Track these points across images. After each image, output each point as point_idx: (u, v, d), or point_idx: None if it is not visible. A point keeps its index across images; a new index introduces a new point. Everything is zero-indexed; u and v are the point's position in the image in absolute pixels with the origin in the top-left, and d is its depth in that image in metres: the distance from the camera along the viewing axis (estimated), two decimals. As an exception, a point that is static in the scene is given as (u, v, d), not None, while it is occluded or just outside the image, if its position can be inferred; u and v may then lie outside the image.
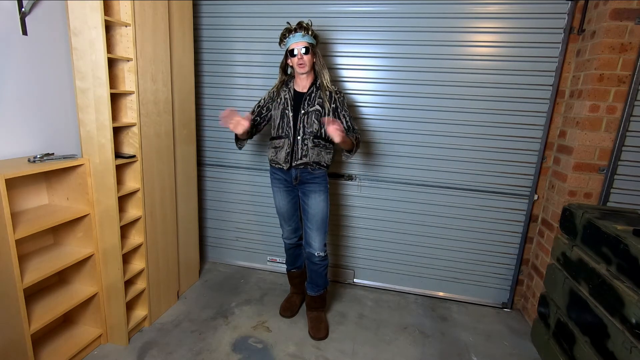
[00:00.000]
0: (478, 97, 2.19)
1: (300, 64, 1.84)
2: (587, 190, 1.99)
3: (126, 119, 1.79)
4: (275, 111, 1.97)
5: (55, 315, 1.58)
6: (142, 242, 1.92)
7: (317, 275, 2.05)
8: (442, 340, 2.07)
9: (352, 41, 2.29)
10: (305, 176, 1.96)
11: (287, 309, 2.22)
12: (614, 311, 1.40)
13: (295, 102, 1.92)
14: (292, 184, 2.02)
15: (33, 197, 1.68)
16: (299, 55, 1.83)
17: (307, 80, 1.93)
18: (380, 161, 2.41)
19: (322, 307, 2.16)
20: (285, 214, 2.11)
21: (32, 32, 1.64)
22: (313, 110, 1.90)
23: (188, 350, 1.86)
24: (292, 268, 2.27)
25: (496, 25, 2.09)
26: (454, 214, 2.38)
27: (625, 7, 1.76)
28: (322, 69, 1.91)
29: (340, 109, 1.94)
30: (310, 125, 1.90)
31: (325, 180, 2.00)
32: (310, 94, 1.91)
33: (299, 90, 1.94)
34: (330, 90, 1.91)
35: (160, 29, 1.88)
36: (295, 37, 1.82)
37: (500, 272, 2.41)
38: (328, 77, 1.92)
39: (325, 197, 1.99)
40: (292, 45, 1.83)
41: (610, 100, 1.87)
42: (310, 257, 2.03)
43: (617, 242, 1.44)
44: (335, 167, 2.48)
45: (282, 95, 1.95)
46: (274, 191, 2.09)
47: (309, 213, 1.99)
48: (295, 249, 2.21)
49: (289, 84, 1.97)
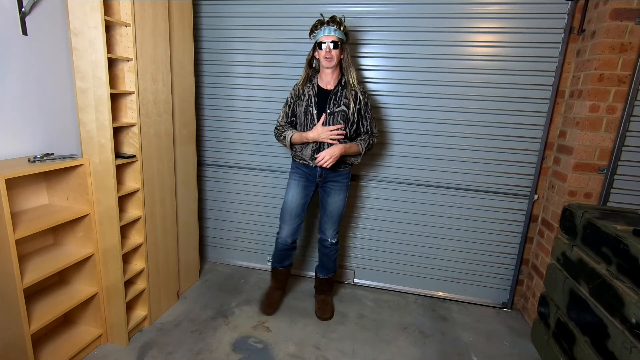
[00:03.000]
0: (478, 97, 2.19)
1: (327, 58, 1.84)
2: (587, 190, 1.99)
3: (126, 119, 1.79)
4: (300, 108, 1.97)
5: (55, 315, 1.58)
6: (142, 242, 1.92)
7: (328, 259, 2.19)
8: (442, 340, 2.07)
9: (352, 41, 2.28)
10: (330, 174, 1.99)
11: (269, 306, 2.21)
12: (614, 311, 1.40)
13: (319, 99, 1.92)
14: (314, 181, 2.04)
15: (33, 197, 1.68)
16: (327, 48, 1.82)
17: (332, 77, 1.92)
18: (380, 161, 2.41)
19: (330, 290, 2.32)
20: (294, 210, 2.07)
21: (32, 32, 1.64)
22: (339, 111, 1.91)
23: (188, 350, 1.86)
24: (278, 266, 2.23)
25: (496, 25, 2.09)
26: (454, 214, 2.38)
27: (625, 7, 1.76)
28: (349, 67, 1.91)
29: (364, 110, 1.96)
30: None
31: (348, 178, 2.06)
32: (336, 93, 1.91)
33: (323, 86, 1.94)
34: (356, 90, 1.92)
35: (160, 29, 1.88)
36: (327, 30, 1.82)
37: (500, 272, 2.41)
38: (355, 75, 1.92)
39: (345, 195, 2.08)
40: (322, 38, 1.83)
41: (610, 100, 1.87)
42: (323, 242, 2.17)
43: (617, 242, 1.44)
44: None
45: (305, 92, 1.95)
46: (291, 185, 2.07)
47: (327, 209, 2.09)
48: (288, 251, 2.17)
49: (312, 80, 1.97)
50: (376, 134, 2.05)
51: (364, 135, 2.02)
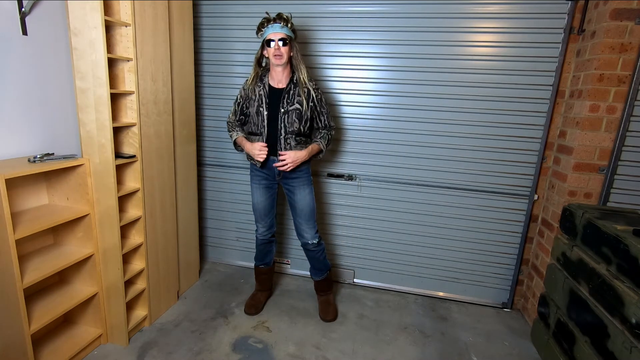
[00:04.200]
0: (478, 97, 2.19)
1: (276, 55, 1.82)
2: (587, 190, 1.99)
3: (126, 119, 1.79)
4: (251, 108, 1.97)
5: (55, 315, 1.58)
6: (142, 242, 1.92)
7: (316, 261, 2.16)
8: (442, 340, 2.07)
9: (352, 41, 2.28)
10: (289, 172, 1.99)
11: (252, 306, 2.22)
12: (614, 311, 1.40)
13: (270, 99, 1.91)
14: (274, 180, 2.05)
15: (33, 197, 1.68)
16: (275, 45, 1.81)
17: (283, 75, 1.91)
18: (380, 161, 2.41)
19: (329, 290, 2.28)
20: (263, 211, 2.12)
21: (32, 32, 1.64)
22: (293, 110, 1.90)
23: (188, 350, 1.86)
24: (260, 264, 2.26)
25: (496, 25, 2.09)
26: (454, 214, 2.37)
27: (625, 7, 1.76)
28: (299, 64, 1.89)
29: (319, 106, 1.97)
30: (291, 125, 1.91)
31: (308, 173, 2.05)
32: (289, 91, 1.91)
33: (274, 85, 1.93)
34: (308, 87, 1.91)
35: (160, 29, 1.88)
36: (274, 28, 1.81)
37: (500, 272, 2.41)
38: (305, 72, 1.91)
39: (311, 189, 2.06)
40: (269, 36, 1.82)
41: (610, 100, 1.87)
42: (305, 245, 2.13)
43: (617, 242, 1.44)
44: (335, 167, 2.48)
45: (256, 91, 1.94)
46: (253, 188, 2.10)
47: (296, 208, 2.06)
48: (267, 245, 2.22)
49: (263, 79, 1.95)
50: (334, 127, 2.08)
51: (322, 130, 2.03)
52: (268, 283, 2.33)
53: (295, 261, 2.71)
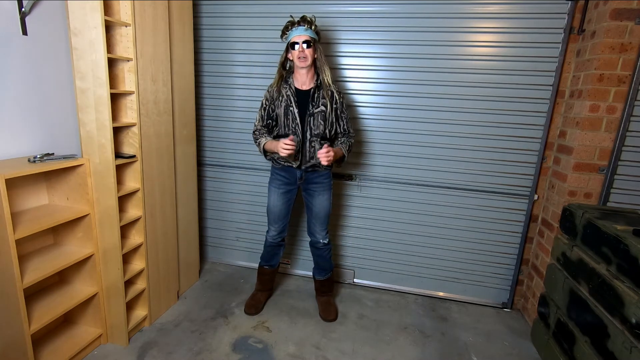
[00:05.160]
0: (478, 97, 2.19)
1: (300, 58, 1.83)
2: (587, 190, 1.99)
3: (126, 119, 1.79)
4: (279, 109, 1.96)
5: (55, 315, 1.58)
6: (142, 242, 1.92)
7: (322, 259, 2.18)
8: (442, 340, 2.07)
9: (352, 41, 2.29)
10: (311, 176, 1.99)
11: (252, 306, 2.22)
12: (614, 311, 1.40)
13: (298, 100, 1.91)
14: (295, 183, 2.04)
15: (33, 197, 1.68)
16: (300, 48, 1.82)
17: (307, 77, 1.92)
18: (380, 161, 2.41)
19: (330, 290, 2.30)
20: (278, 214, 2.11)
21: (32, 32, 1.64)
22: (318, 112, 1.90)
23: (188, 350, 1.86)
24: (266, 265, 2.25)
25: (496, 25, 2.09)
26: (454, 214, 2.38)
27: (625, 7, 1.76)
28: (323, 66, 1.90)
29: (340, 110, 1.96)
30: (316, 127, 1.91)
31: (329, 179, 2.05)
32: (314, 94, 1.91)
33: (298, 87, 1.93)
34: (332, 90, 1.92)
35: (160, 29, 1.88)
36: (298, 30, 1.82)
37: (500, 272, 2.41)
38: (330, 75, 1.91)
39: (329, 195, 2.07)
40: (294, 38, 1.83)
41: (610, 100, 1.87)
42: (314, 244, 2.16)
43: (617, 242, 1.44)
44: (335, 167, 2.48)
45: (282, 92, 1.94)
46: (272, 190, 2.08)
47: (313, 211, 2.08)
48: (276, 248, 2.21)
49: (288, 81, 1.95)
50: (353, 134, 2.06)
51: (341, 137, 2.02)
52: (270, 284, 2.33)
53: (295, 261, 2.72)
